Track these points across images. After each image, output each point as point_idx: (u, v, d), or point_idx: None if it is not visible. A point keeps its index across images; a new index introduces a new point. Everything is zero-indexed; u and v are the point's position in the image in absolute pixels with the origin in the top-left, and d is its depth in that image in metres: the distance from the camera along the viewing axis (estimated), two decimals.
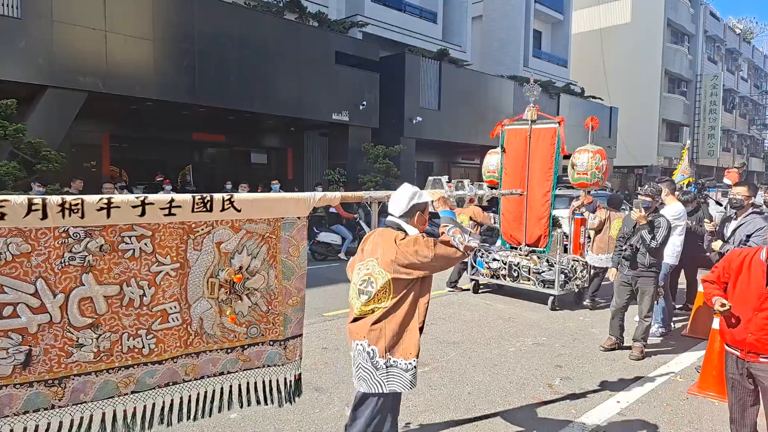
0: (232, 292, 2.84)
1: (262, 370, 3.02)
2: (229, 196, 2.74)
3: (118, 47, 11.04)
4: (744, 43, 45.70)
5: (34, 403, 2.38)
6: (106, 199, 2.40)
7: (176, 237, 2.64)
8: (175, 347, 2.72)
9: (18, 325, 2.30)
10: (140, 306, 2.59)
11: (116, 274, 2.51)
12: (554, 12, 28.89)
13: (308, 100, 14.82)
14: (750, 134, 46.89)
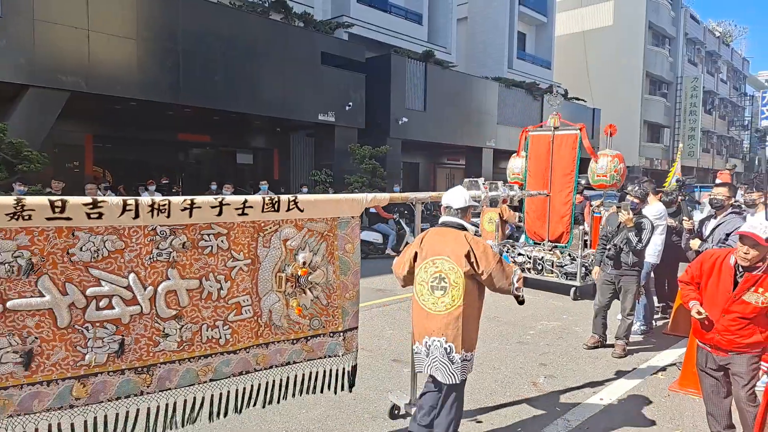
0: (297, 286, 3.09)
1: (323, 361, 3.26)
2: (293, 197, 3.03)
3: (100, 46, 10.92)
4: (723, 45, 46.51)
5: (125, 389, 2.60)
6: (190, 200, 2.65)
7: (248, 235, 2.90)
8: (248, 338, 2.95)
9: (112, 316, 2.53)
10: (217, 299, 2.83)
11: (196, 269, 2.76)
12: (538, 14, 29.16)
13: (294, 101, 14.79)
14: (729, 135, 47.72)
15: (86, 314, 2.48)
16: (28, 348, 2.36)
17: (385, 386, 4.55)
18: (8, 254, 2.29)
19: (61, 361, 2.44)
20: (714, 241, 5.02)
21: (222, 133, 17.51)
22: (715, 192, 5.31)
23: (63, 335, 2.43)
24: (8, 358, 2.32)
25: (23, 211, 2.28)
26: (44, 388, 2.42)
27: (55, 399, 2.44)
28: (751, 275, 3.16)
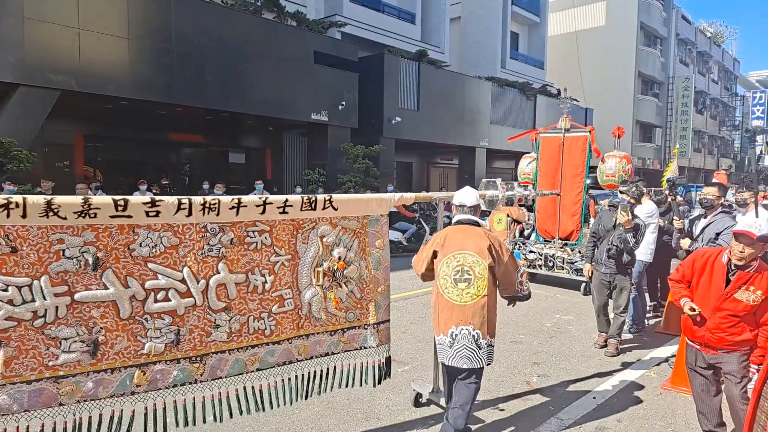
0: (333, 280, 3.31)
1: (359, 352, 3.47)
2: (329, 196, 3.25)
3: (91, 45, 10.83)
4: (714, 46, 46.83)
5: (181, 377, 2.78)
6: (237, 200, 2.87)
7: (288, 232, 3.12)
8: (290, 329, 3.16)
9: (169, 308, 2.73)
10: (262, 292, 3.04)
11: (243, 264, 2.96)
12: (531, 14, 29.24)
13: (287, 100, 14.74)
14: (720, 135, 48.07)
15: (145, 306, 2.68)
16: (94, 338, 2.57)
17: (378, 387, 4.53)
18: (76, 250, 2.50)
19: (123, 350, 2.64)
20: (704, 241, 5.05)
21: (214, 133, 17.43)
22: (705, 192, 5.34)
23: (125, 326, 2.64)
24: (76, 347, 2.52)
25: (89, 209, 2.49)
26: (108, 376, 2.61)
27: (118, 386, 2.63)
28: (743, 273, 3.18)
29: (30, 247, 2.42)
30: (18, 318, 2.41)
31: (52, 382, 2.49)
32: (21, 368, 2.43)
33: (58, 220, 2.45)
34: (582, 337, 6.10)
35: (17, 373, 2.42)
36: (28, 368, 2.45)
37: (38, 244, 2.44)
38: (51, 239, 2.47)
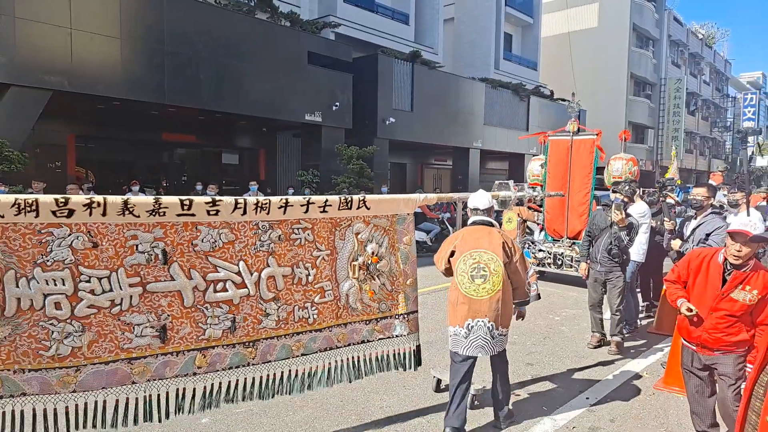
0: (367, 273, 3.63)
1: (392, 340, 3.78)
2: (362, 197, 3.60)
3: (83, 45, 10.77)
4: (706, 47, 47.14)
5: (236, 360, 3.12)
6: (285, 200, 3.21)
7: (327, 229, 3.45)
8: (330, 318, 3.48)
9: (226, 298, 3.06)
10: (306, 284, 3.36)
11: (289, 258, 3.28)
12: (524, 15, 29.32)
13: (281, 101, 14.71)
14: (712, 136, 48.39)
15: (206, 296, 3.00)
16: (162, 323, 2.88)
17: (372, 387, 4.54)
18: (147, 245, 2.81)
19: (187, 335, 2.96)
20: (695, 241, 5.07)
21: (207, 133, 17.37)
22: (695, 192, 5.38)
23: (188, 313, 2.96)
24: (147, 332, 2.84)
25: (159, 208, 2.80)
26: (174, 358, 2.93)
27: (182, 367, 2.95)
28: (739, 273, 3.19)
29: (108, 242, 2.74)
30: (98, 306, 2.73)
31: (127, 363, 2.83)
32: (100, 350, 2.76)
33: (133, 218, 2.77)
34: (575, 338, 6.13)
35: (97, 355, 2.76)
36: (107, 350, 2.77)
37: (115, 240, 2.75)
38: (126, 235, 2.78)
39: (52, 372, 2.67)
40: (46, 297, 2.62)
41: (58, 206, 2.57)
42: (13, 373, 2.58)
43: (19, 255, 2.55)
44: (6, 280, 2.54)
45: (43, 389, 2.64)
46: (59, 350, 2.67)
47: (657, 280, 7.14)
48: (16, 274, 2.56)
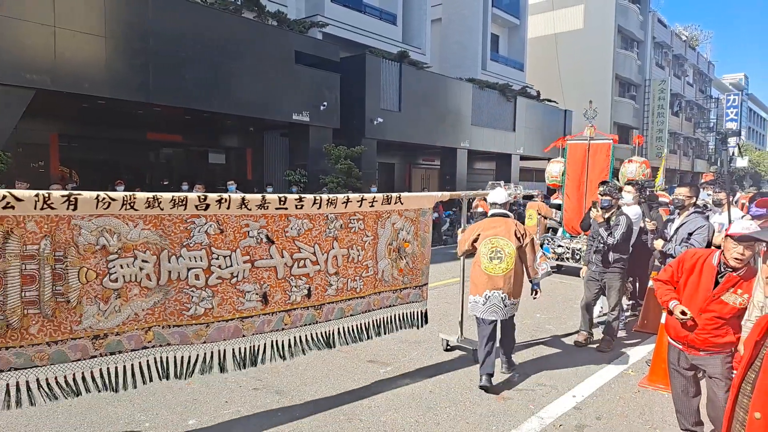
0: (398, 254, 4.74)
1: (410, 305, 4.95)
2: (398, 195, 4.62)
3: (67, 43, 10.63)
4: (690, 49, 47.76)
5: (308, 320, 4.12)
6: (346, 197, 4.23)
7: (373, 219, 4.50)
8: (370, 288, 4.55)
9: (305, 272, 4.06)
10: (357, 262, 4.41)
11: (347, 242, 4.31)
12: (511, 16, 29.49)
13: (268, 100, 14.64)
14: (695, 137, 49.02)
15: (292, 270, 3.95)
16: (263, 291, 3.82)
17: (360, 387, 4.54)
18: (255, 231, 3.72)
19: (279, 300, 3.91)
20: (677, 241, 5.13)
21: (193, 133, 17.24)
22: (677, 192, 5.45)
23: (280, 283, 3.92)
24: (253, 297, 3.77)
25: (264, 203, 3.72)
26: (270, 317, 3.88)
27: (275, 324, 3.92)
28: (732, 276, 3.19)
29: (230, 229, 3.62)
30: (223, 278, 3.61)
31: (240, 321, 3.74)
32: (223, 311, 3.63)
33: (246, 210, 3.65)
34: (563, 337, 6.17)
35: (221, 315, 3.63)
36: (227, 311, 3.66)
37: (234, 227, 3.63)
38: (241, 224, 3.66)
39: (189, 327, 3.54)
40: (189, 270, 3.48)
41: (199, 201, 3.44)
42: (161, 328, 3.42)
43: (171, 238, 3.38)
44: (162, 258, 3.35)
45: (182, 340, 3.51)
46: (196, 311, 3.53)
47: (642, 280, 7.22)
48: (168, 252, 3.37)
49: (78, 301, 3.06)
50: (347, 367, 5.04)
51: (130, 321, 3.27)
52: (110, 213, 3.13)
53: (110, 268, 3.17)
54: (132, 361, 3.32)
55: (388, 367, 5.06)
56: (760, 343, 1.47)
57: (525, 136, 25.72)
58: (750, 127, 70.71)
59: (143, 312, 3.32)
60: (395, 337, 5.99)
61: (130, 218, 3.20)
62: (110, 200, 3.09)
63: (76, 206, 2.99)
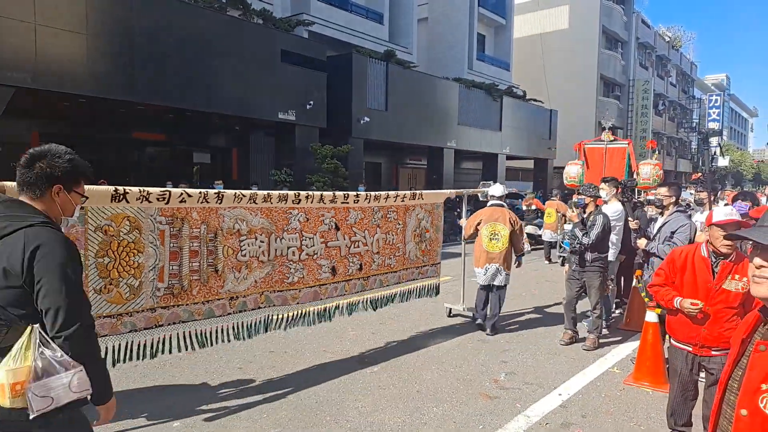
0: (421, 239, 6.01)
1: (427, 279, 6.18)
2: (420, 192, 5.98)
3: (48, 41, 10.46)
4: (673, 50, 48.40)
5: (359, 288, 5.31)
6: (387, 193, 5.48)
7: (403, 211, 5.74)
8: (400, 265, 5.76)
9: (358, 251, 5.20)
10: (392, 244, 5.62)
11: (386, 229, 5.51)
12: (497, 16, 29.62)
13: (253, 99, 14.55)
14: (678, 137, 49.70)
15: (350, 250, 5.12)
16: (332, 265, 4.96)
17: (348, 389, 4.52)
18: (328, 219, 4.89)
19: (342, 273, 5.06)
20: (660, 240, 5.18)
21: (178, 132, 17.05)
22: (657, 192, 5.50)
23: (342, 260, 5.06)
24: (326, 270, 4.90)
25: (335, 198, 4.89)
26: (336, 285, 5.04)
27: (339, 290, 5.08)
28: (726, 263, 3.18)
29: (312, 218, 4.75)
30: (309, 254, 4.74)
31: (318, 288, 4.86)
32: (309, 280, 4.77)
33: (324, 204, 4.81)
34: (548, 335, 6.21)
35: (307, 283, 4.77)
36: (311, 280, 4.80)
37: (315, 216, 4.78)
38: (319, 214, 4.81)
39: (288, 293, 4.62)
40: (288, 249, 4.58)
41: (294, 198, 4.56)
42: (270, 293, 4.48)
43: (277, 225, 4.47)
44: (271, 239, 4.41)
45: (282, 303, 4.58)
46: (292, 279, 4.63)
47: (627, 278, 7.29)
48: (275, 235, 4.46)
49: (222, 270, 4.09)
50: (334, 367, 5.02)
51: (251, 287, 4.31)
52: (241, 206, 4.19)
53: (241, 247, 4.20)
54: (252, 317, 4.37)
55: (376, 367, 5.05)
56: (746, 340, 1.48)
57: (511, 135, 25.87)
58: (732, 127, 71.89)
59: (260, 280, 4.37)
60: (383, 338, 5.99)
61: (252, 210, 4.28)
62: (242, 196, 4.17)
63: (222, 200, 4.04)
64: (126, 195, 3.46)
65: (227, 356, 5.23)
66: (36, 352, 1.76)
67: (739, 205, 4.89)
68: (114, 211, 3.45)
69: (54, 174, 2.00)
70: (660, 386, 4.53)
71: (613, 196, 6.38)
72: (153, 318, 3.68)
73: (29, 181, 1.98)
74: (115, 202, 3.43)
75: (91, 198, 3.20)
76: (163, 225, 3.68)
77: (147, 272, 3.60)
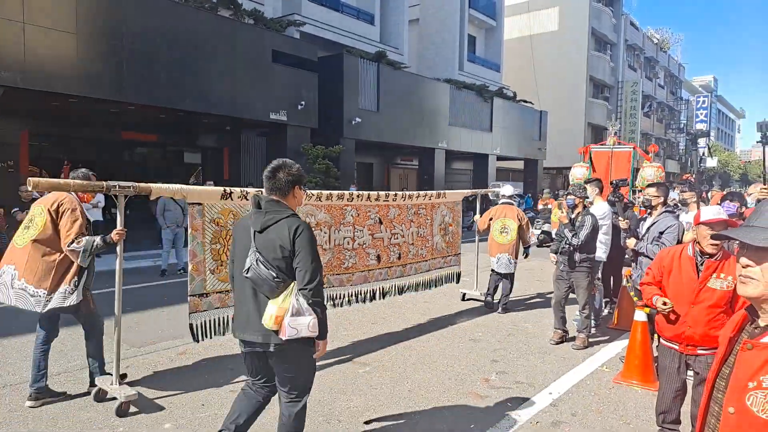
0: (445, 232, 6.97)
1: (451, 267, 7.15)
2: (443, 192, 7.01)
3: (37, 40, 10.39)
4: (661, 52, 48.85)
5: (398, 274, 6.21)
6: (418, 193, 6.48)
7: (431, 208, 6.70)
8: (429, 255, 6.71)
9: (398, 242, 6.15)
10: (423, 237, 6.57)
11: (418, 223, 6.46)
12: (487, 18, 29.74)
13: (244, 99, 14.51)
14: (666, 138, 50.15)
15: (390, 241, 6.05)
16: (377, 253, 5.91)
17: (339, 388, 4.53)
18: (373, 214, 5.78)
19: (385, 260, 5.98)
20: (649, 240, 5.24)
21: (169, 132, 16.98)
22: (646, 193, 5.57)
23: (385, 249, 5.99)
24: (373, 257, 5.82)
25: (378, 197, 5.86)
26: (381, 271, 5.94)
27: (383, 275, 5.99)
28: (711, 261, 3.22)
29: (361, 213, 5.65)
30: (360, 244, 5.65)
31: (367, 272, 5.77)
32: (360, 265, 5.69)
33: (369, 202, 5.72)
34: (538, 334, 6.26)
35: (358, 268, 5.67)
36: (361, 265, 5.69)
37: (364, 212, 5.68)
38: (366, 210, 5.72)
39: (344, 276, 5.53)
40: (344, 239, 5.46)
41: (348, 197, 5.53)
42: (330, 276, 5.36)
43: (335, 219, 5.36)
44: (331, 231, 5.33)
45: (340, 284, 5.50)
46: (347, 265, 5.55)
47: (616, 277, 7.36)
48: (334, 228, 5.34)
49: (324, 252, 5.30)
50: (326, 367, 5.04)
51: None
52: (310, 203, 5.11)
53: None
54: None
55: (367, 367, 5.07)
56: (734, 339, 1.51)
57: (501, 136, 25.98)
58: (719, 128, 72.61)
59: (324, 265, 5.05)
60: (375, 338, 6.01)
61: (317, 206, 5.20)
62: (311, 195, 5.10)
63: (320, 199, 5.26)
64: (231, 194, 4.35)
65: (219, 357, 5.23)
66: (293, 298, 2.70)
67: (727, 206, 4.95)
68: (222, 207, 4.34)
69: (293, 179, 2.94)
70: (649, 384, 4.59)
71: (596, 195, 6.45)
72: None
73: (279, 186, 2.91)
74: (223, 200, 4.31)
75: (206, 196, 4.23)
76: None
77: None
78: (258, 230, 2.80)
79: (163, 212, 9.35)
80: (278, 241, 2.73)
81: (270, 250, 2.75)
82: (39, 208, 3.98)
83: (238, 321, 2.91)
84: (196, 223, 4.13)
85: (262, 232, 2.80)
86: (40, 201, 4.06)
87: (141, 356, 5.23)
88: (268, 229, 2.79)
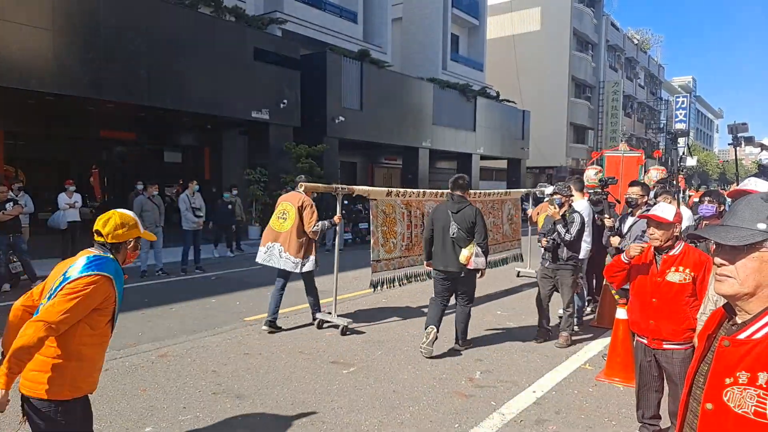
0: (511, 221, 9.38)
1: (516, 250, 9.58)
2: (508, 190, 10.81)
3: (12, 36, 10.14)
4: (641, 52, 49.50)
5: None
6: (490, 192, 9.22)
7: (500, 202, 9.16)
8: (501, 239, 9.08)
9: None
10: (497, 225, 8.99)
11: (492, 215, 8.80)
12: (470, 17, 29.83)
13: (225, 97, 14.35)
14: (647, 137, 50.85)
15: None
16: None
17: (324, 390, 4.48)
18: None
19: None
20: (632, 238, 5.28)
21: (148, 130, 16.71)
22: (630, 191, 5.63)
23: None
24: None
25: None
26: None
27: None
28: (668, 256, 3.35)
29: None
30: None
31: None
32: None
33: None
34: (522, 333, 6.27)
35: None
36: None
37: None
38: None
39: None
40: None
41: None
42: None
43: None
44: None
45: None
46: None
47: (599, 276, 7.40)
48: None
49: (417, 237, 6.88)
50: (309, 368, 4.98)
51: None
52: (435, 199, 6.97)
53: None
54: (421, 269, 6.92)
55: (352, 367, 5.03)
56: (712, 336, 1.52)
57: (485, 136, 26.10)
58: (698, 128, 73.88)
59: None
60: (359, 338, 5.96)
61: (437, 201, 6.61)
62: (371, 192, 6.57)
63: (423, 195, 7.12)
64: (391, 192, 6.78)
65: (201, 359, 5.14)
66: (475, 248, 5.23)
67: (706, 207, 4.99)
68: (386, 201, 6.64)
69: (467, 184, 5.47)
70: (631, 382, 4.61)
71: (577, 192, 6.50)
72: (400, 261, 6.82)
73: (463, 185, 5.41)
74: (387, 196, 6.66)
75: (376, 195, 6.57)
76: (402, 209, 6.83)
77: (399, 236, 6.76)
78: (454, 212, 5.28)
79: (141, 213, 9.10)
80: (468, 218, 5.22)
81: (463, 223, 5.23)
82: (288, 204, 6.04)
83: (443, 261, 5.33)
84: (375, 212, 6.49)
85: (457, 213, 5.28)
86: (287, 198, 6.15)
87: (121, 359, 5.12)
88: (461, 211, 5.27)
